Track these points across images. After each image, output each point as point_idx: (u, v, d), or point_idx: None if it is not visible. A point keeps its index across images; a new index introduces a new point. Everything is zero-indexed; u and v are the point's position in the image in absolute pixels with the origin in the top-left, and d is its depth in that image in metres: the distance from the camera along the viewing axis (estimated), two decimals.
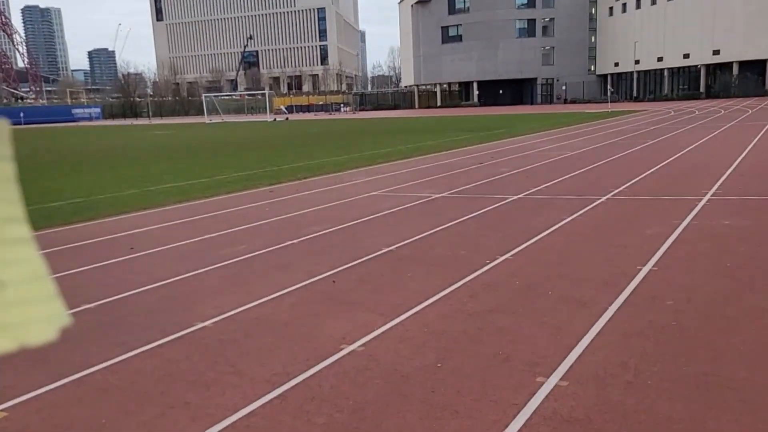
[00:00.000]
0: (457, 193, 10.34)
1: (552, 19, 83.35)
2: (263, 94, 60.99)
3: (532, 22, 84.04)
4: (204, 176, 14.12)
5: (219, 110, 62.67)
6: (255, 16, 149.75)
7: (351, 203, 9.75)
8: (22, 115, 72.65)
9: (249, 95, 75.94)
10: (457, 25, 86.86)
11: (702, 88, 68.77)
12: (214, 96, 65.92)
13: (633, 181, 10.74)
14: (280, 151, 21.00)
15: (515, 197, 9.54)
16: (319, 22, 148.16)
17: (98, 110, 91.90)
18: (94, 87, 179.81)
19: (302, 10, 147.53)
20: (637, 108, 49.31)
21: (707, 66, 68.07)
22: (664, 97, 70.71)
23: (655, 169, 12.28)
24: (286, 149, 21.91)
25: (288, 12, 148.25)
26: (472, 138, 23.54)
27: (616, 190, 9.75)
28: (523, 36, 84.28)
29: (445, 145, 20.96)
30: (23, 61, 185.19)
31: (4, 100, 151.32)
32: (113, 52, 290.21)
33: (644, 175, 11.47)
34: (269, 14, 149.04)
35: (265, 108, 74.52)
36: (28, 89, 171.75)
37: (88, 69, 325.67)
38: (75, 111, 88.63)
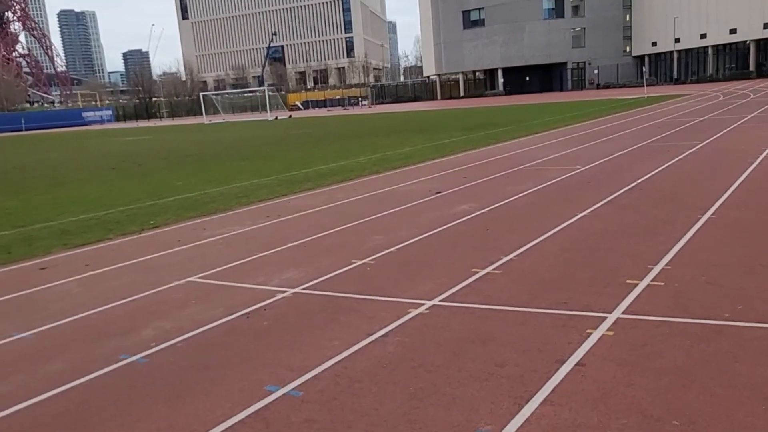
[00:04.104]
0: (331, 280, 5.43)
1: None
2: (264, 92, 56.45)
3: (560, 2, 77.47)
4: (23, 223, 9.48)
5: (220, 110, 58.48)
6: (280, 10, 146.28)
7: (96, 323, 4.94)
8: (22, 120, 69.79)
9: (251, 93, 71.59)
10: (479, 9, 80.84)
11: (752, 67, 61.51)
12: (213, 94, 61.79)
13: (677, 248, 5.61)
14: (210, 169, 16.31)
15: (428, 305, 4.58)
16: (344, 14, 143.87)
17: (109, 113, 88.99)
18: (122, 89, 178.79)
19: (327, 2, 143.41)
20: (679, 92, 43.04)
21: (757, 41, 60.70)
22: (709, 78, 63.67)
23: (717, 205, 7.11)
24: (220, 165, 17.21)
25: (312, 4, 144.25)
26: (465, 141, 18.45)
27: (642, 285, 4.68)
28: (550, 17, 77.76)
29: (424, 152, 15.97)
30: (53, 65, 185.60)
31: (35, 104, 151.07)
32: (147, 52, 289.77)
33: (699, 226, 6.33)
34: (294, 7, 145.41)
35: (282, 104, 70.37)
36: (58, 93, 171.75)
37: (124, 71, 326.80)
38: (85, 114, 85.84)
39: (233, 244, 7.23)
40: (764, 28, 58.33)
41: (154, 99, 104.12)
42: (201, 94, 59.63)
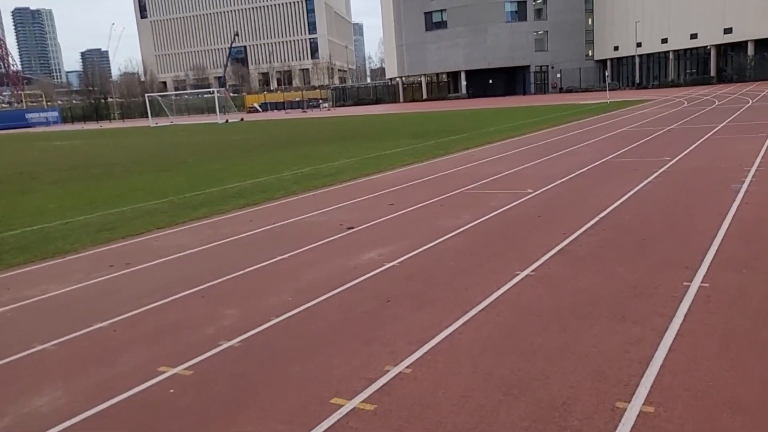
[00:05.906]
0: (98, 417, 3.22)
1: (545, 1, 75.69)
2: (212, 92, 53.66)
3: (522, 5, 76.38)
4: None
5: (167, 111, 55.52)
6: (242, 10, 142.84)
7: None
8: None
9: (204, 94, 68.55)
10: (442, 10, 79.23)
11: (713, 72, 61.11)
12: (160, 96, 58.75)
13: (660, 356, 3.54)
14: (107, 185, 13.89)
15: None
16: (307, 15, 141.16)
17: (56, 114, 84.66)
18: (76, 89, 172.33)
19: (290, 2, 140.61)
20: (641, 96, 41.88)
21: (718, 47, 60.36)
22: (671, 83, 63.15)
23: (708, 261, 5.11)
24: (123, 179, 14.79)
25: (276, 4, 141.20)
26: (411, 151, 16.37)
27: None
28: (513, 20, 76.60)
29: (360, 166, 13.83)
30: (4, 64, 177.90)
31: None
32: (107, 52, 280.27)
33: (688, 305, 4.31)
34: (256, 8, 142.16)
35: (233, 107, 67.44)
36: (9, 93, 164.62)
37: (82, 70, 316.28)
38: (29, 115, 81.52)
39: (19, 322, 4.94)
40: (725, 33, 57.94)
41: (109, 99, 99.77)
42: (147, 95, 56.54)
